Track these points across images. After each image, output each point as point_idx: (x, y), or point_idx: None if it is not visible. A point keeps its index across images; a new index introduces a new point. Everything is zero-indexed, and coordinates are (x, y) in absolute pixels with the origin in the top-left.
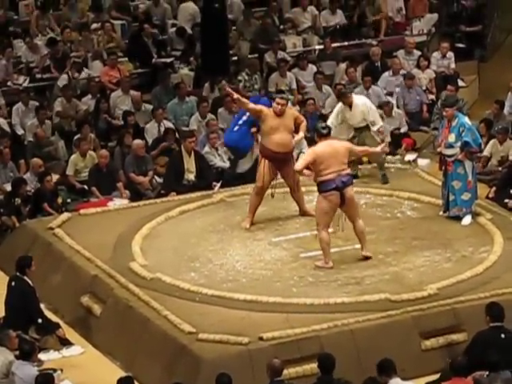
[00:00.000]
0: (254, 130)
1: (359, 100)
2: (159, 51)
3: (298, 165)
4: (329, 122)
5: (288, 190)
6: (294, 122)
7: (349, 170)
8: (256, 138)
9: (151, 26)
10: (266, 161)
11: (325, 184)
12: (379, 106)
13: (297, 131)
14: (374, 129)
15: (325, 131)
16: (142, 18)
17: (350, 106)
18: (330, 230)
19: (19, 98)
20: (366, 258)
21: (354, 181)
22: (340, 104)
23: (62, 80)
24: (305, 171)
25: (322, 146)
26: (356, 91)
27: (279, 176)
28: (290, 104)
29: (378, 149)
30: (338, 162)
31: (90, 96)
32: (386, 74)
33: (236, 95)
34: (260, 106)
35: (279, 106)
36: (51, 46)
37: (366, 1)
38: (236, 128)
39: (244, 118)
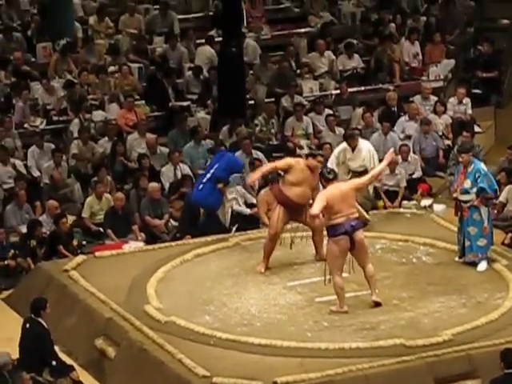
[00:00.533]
0: (220, 185)
1: (364, 144)
2: (176, 94)
3: (315, 209)
4: (329, 163)
5: (305, 234)
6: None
7: (357, 214)
8: (224, 193)
9: (169, 70)
10: (281, 208)
11: (334, 228)
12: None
13: None
14: None
15: (331, 176)
16: (158, 61)
17: (354, 148)
18: (345, 274)
19: (35, 141)
20: (376, 305)
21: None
22: (344, 144)
23: (74, 125)
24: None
25: (331, 190)
26: (373, 137)
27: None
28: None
29: (385, 163)
30: (347, 206)
31: (106, 138)
32: (403, 118)
33: (257, 175)
34: (287, 162)
35: (319, 164)
36: (68, 88)
37: (382, 46)
38: (201, 186)
39: (208, 175)
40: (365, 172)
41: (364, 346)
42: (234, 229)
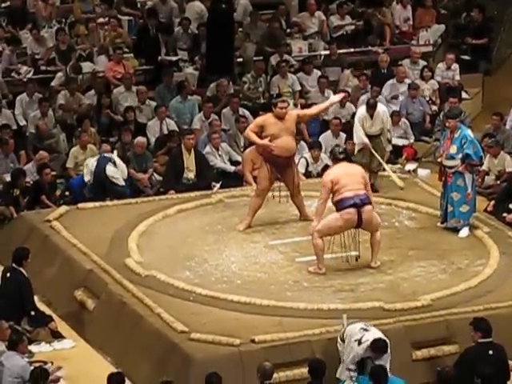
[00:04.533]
0: None
1: (380, 108)
2: (166, 49)
3: (319, 202)
4: (356, 136)
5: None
6: (295, 124)
7: (365, 191)
8: None
9: (158, 23)
10: (268, 164)
11: (342, 202)
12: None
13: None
14: (389, 136)
15: (341, 156)
16: (146, 14)
17: (372, 115)
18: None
19: (24, 89)
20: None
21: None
22: (360, 112)
23: (58, 78)
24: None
25: (336, 168)
26: (361, 98)
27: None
28: (291, 105)
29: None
30: (354, 182)
31: (93, 91)
32: (391, 81)
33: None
34: (257, 123)
35: (283, 110)
36: (58, 36)
37: (372, 9)
38: None
39: None
40: (380, 135)
41: (343, 308)
42: (218, 186)
